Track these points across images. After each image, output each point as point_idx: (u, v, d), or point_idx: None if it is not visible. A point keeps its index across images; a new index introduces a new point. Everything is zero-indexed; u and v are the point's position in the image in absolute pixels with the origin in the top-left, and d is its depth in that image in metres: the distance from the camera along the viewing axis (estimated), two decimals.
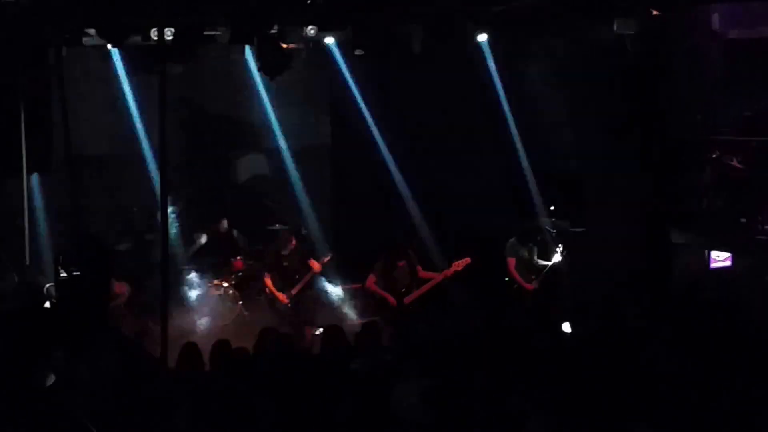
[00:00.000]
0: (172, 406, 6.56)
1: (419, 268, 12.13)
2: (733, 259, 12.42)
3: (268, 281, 12.47)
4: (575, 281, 12.75)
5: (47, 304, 10.27)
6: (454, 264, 12.01)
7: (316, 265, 12.57)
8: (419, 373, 7.38)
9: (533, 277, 12.53)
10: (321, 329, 9.70)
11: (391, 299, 11.88)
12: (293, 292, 12.40)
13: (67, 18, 10.53)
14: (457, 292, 12.40)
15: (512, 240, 12.65)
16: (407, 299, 11.93)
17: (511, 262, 12.56)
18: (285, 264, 12.52)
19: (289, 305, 12.36)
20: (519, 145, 14.29)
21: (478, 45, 13.58)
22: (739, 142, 12.03)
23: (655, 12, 11.63)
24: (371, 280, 12.07)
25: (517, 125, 14.26)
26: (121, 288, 12.14)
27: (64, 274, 9.63)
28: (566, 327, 9.45)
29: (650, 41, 12.20)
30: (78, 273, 8.71)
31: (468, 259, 11.96)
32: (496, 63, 13.98)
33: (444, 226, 14.38)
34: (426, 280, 12.05)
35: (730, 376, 7.17)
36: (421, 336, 9.38)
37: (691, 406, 6.80)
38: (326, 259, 12.87)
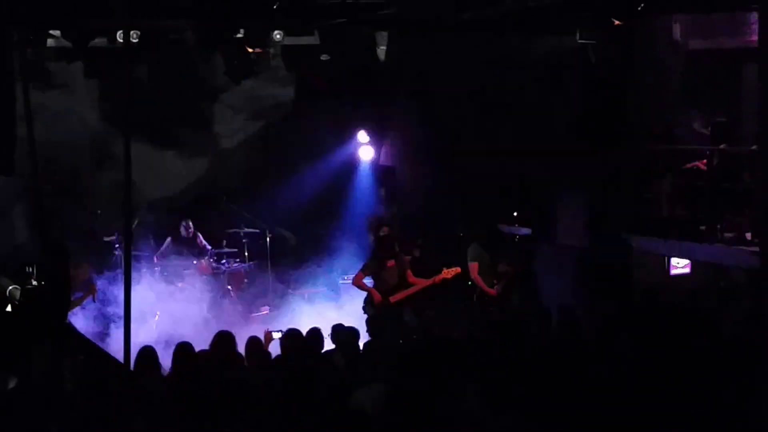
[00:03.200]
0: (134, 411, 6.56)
1: (409, 272, 12.31)
2: (692, 266, 12.60)
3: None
4: (536, 287, 12.88)
5: (8, 308, 10.16)
6: (444, 271, 12.25)
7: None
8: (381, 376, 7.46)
9: (495, 281, 12.61)
10: (280, 332, 9.74)
11: (377, 295, 12.09)
12: None
13: (32, 19, 10.48)
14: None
15: (474, 244, 12.73)
16: (393, 298, 12.16)
17: (474, 266, 12.62)
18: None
19: None
20: (482, 151, 14.34)
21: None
22: (701, 151, 12.17)
23: (617, 22, 11.77)
24: (359, 277, 12.34)
25: (481, 131, 14.31)
26: (77, 269, 11.98)
27: (34, 283, 9.56)
28: None
29: (613, 51, 12.34)
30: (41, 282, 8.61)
31: (458, 269, 12.30)
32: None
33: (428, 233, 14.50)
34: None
35: (691, 380, 7.29)
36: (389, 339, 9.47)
37: (653, 411, 6.89)
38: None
